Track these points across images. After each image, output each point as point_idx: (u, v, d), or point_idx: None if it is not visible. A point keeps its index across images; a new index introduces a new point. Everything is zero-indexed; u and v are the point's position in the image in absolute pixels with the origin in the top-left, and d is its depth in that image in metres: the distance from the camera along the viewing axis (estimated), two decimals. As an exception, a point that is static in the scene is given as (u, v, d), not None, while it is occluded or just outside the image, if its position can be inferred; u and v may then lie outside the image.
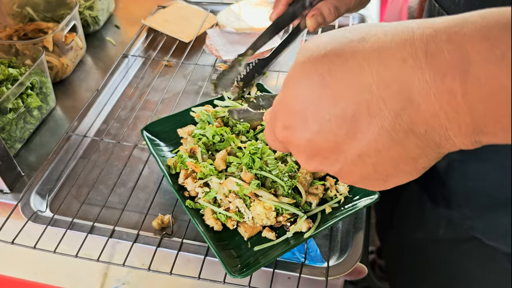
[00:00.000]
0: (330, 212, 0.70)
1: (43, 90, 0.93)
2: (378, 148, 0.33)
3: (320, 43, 0.35)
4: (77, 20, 1.05)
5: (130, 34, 1.22)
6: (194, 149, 0.75)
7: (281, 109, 0.38)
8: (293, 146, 0.38)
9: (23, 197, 0.79)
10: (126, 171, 0.85)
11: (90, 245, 0.72)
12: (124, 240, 0.72)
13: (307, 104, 0.35)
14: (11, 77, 0.89)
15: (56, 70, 1.04)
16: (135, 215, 0.78)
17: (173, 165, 0.76)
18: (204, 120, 0.81)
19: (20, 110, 0.86)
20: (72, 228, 0.74)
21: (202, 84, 1.03)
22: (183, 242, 0.71)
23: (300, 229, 0.67)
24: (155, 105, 0.98)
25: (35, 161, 0.87)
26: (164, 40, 1.15)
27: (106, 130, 0.92)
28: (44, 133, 0.94)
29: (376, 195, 0.69)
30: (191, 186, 0.72)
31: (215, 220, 0.68)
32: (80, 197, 0.82)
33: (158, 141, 0.83)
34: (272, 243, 0.67)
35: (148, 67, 1.10)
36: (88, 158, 0.88)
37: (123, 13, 1.32)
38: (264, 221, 0.67)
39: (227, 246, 0.67)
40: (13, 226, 0.74)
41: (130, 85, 1.06)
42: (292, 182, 0.68)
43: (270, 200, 0.66)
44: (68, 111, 0.99)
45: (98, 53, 1.17)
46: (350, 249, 0.70)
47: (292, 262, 0.68)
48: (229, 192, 0.69)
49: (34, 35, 1.08)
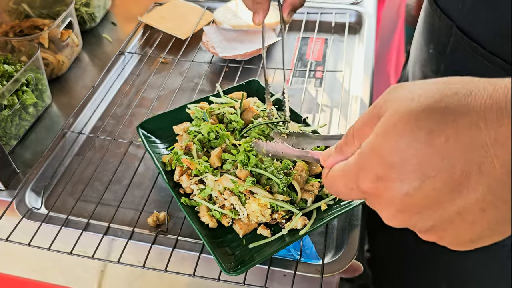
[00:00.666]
0: (326, 209, 0.70)
1: (38, 87, 0.93)
2: (483, 207, 0.32)
3: (415, 95, 0.33)
4: (73, 16, 1.05)
5: (126, 31, 1.22)
6: (189, 146, 0.75)
7: (374, 159, 0.35)
8: (383, 199, 0.36)
9: (18, 194, 0.79)
10: (122, 168, 0.85)
11: (85, 242, 0.72)
12: (119, 237, 0.72)
13: (408, 157, 0.33)
14: (6, 73, 0.88)
15: (52, 67, 1.03)
16: (130, 212, 0.78)
17: (168, 162, 0.75)
18: (199, 117, 0.81)
19: (15, 107, 0.86)
20: (67, 225, 0.74)
21: (198, 81, 1.03)
22: (178, 239, 0.71)
23: (295, 226, 0.67)
24: (151, 102, 0.98)
25: (30, 158, 0.87)
26: (160, 37, 1.15)
27: (102, 127, 0.92)
28: (40, 130, 0.94)
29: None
30: (186, 183, 0.72)
31: (210, 217, 0.68)
32: (75, 194, 0.81)
33: (153, 138, 0.82)
34: (267, 240, 0.67)
35: (144, 64, 1.09)
36: (84, 155, 0.87)
37: (119, 10, 1.31)
38: (259, 218, 0.67)
39: (222, 243, 0.67)
40: (7, 223, 0.73)
41: (126, 82, 1.06)
42: (287, 180, 0.68)
43: (265, 197, 0.66)
44: (64, 108, 0.99)
45: (94, 50, 1.16)
46: (345, 247, 0.70)
47: (288, 259, 0.68)
48: (224, 189, 0.69)
49: (30, 32, 1.07)
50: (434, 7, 0.74)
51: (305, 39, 1.15)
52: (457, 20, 0.69)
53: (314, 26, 1.15)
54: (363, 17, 1.17)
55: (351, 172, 0.38)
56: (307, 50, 1.11)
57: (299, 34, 1.15)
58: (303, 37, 1.15)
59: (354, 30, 1.17)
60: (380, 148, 0.35)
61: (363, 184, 0.37)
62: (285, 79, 0.85)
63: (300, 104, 0.93)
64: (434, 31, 0.76)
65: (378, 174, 0.35)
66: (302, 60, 1.09)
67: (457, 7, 0.68)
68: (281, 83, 1.02)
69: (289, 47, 1.13)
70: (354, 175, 0.37)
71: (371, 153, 0.35)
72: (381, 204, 0.37)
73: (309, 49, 1.11)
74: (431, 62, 0.80)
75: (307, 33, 1.16)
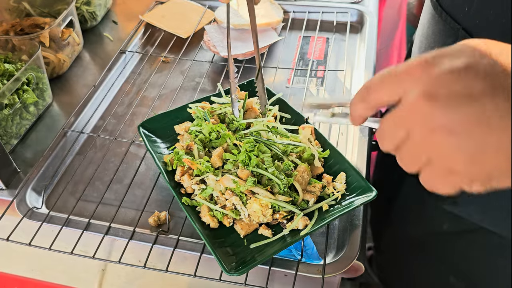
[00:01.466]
0: (327, 209, 0.70)
1: (39, 85, 0.93)
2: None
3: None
4: (74, 15, 1.04)
5: (127, 29, 1.21)
6: (190, 146, 0.75)
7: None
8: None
9: (19, 194, 0.79)
10: (123, 167, 0.85)
11: (86, 242, 0.71)
12: (120, 237, 0.72)
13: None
14: (7, 72, 0.88)
15: (53, 65, 1.03)
16: (131, 212, 0.78)
17: (169, 162, 0.75)
18: (201, 117, 0.80)
19: (16, 106, 0.86)
20: (67, 225, 0.74)
21: (199, 81, 1.03)
22: (179, 239, 0.71)
23: (296, 226, 0.67)
24: (152, 101, 0.97)
25: (31, 157, 0.87)
26: (161, 36, 1.15)
27: (103, 126, 0.92)
28: (41, 129, 0.94)
29: (373, 193, 0.69)
30: (187, 183, 0.72)
31: (211, 217, 0.68)
32: (76, 194, 0.81)
33: (154, 137, 0.82)
34: (268, 240, 0.67)
35: (145, 63, 1.09)
36: (85, 154, 0.87)
37: (120, 9, 1.31)
38: (260, 218, 0.67)
39: (223, 244, 0.67)
40: (8, 222, 0.73)
41: (127, 81, 1.06)
42: (288, 180, 0.68)
43: (266, 197, 0.66)
44: (65, 107, 0.99)
45: (95, 49, 1.16)
46: (346, 247, 0.69)
47: (289, 259, 0.68)
48: (226, 189, 0.69)
49: (31, 30, 1.07)
50: (439, 10, 0.73)
51: (307, 38, 1.14)
52: (463, 23, 0.68)
53: (315, 25, 1.15)
54: (365, 16, 1.16)
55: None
56: (309, 49, 1.11)
57: (300, 33, 1.15)
58: (304, 36, 1.14)
59: (356, 29, 1.17)
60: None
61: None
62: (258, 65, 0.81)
63: (302, 103, 0.93)
64: (439, 34, 0.76)
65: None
66: (304, 59, 1.08)
67: (463, 10, 0.68)
68: (283, 83, 1.02)
69: (290, 46, 1.12)
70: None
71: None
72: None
73: (311, 48, 1.11)
74: None
75: (309, 32, 1.16)
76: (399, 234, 1.08)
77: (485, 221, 0.79)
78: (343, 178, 0.73)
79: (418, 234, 0.98)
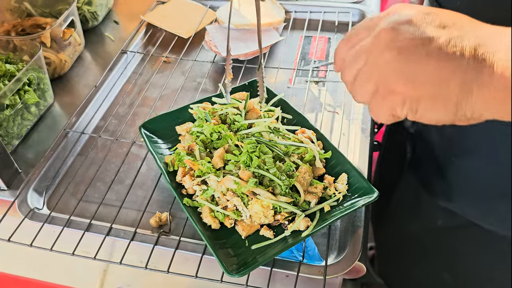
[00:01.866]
0: (329, 210, 0.69)
1: (40, 86, 0.93)
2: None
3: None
4: (75, 15, 1.04)
5: (129, 29, 1.21)
6: (192, 146, 0.75)
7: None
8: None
9: (20, 194, 0.79)
10: (124, 168, 0.85)
11: (87, 243, 0.71)
12: (122, 238, 0.72)
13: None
14: (8, 73, 0.88)
15: (54, 66, 1.03)
16: (132, 212, 0.78)
17: (171, 163, 0.75)
18: (202, 118, 0.80)
19: (17, 107, 0.86)
20: (69, 226, 0.74)
21: (200, 81, 1.03)
22: (181, 240, 0.71)
23: (298, 227, 0.66)
24: (153, 102, 0.97)
25: (32, 158, 0.87)
26: (163, 36, 1.15)
27: (104, 127, 0.92)
28: (42, 129, 0.94)
29: (375, 194, 0.68)
30: (189, 184, 0.72)
31: (212, 218, 0.68)
32: (77, 194, 0.81)
33: (156, 138, 0.82)
34: (270, 241, 0.67)
35: (146, 63, 1.09)
36: (86, 155, 0.87)
37: (122, 9, 1.31)
38: (262, 219, 0.67)
39: (224, 245, 0.67)
40: (10, 223, 0.73)
41: (129, 81, 1.06)
42: (289, 181, 0.68)
43: (268, 198, 0.66)
44: (66, 108, 0.99)
45: (96, 49, 1.16)
46: (348, 248, 0.69)
47: (290, 260, 0.68)
48: (227, 190, 0.69)
49: (32, 31, 1.07)
50: (434, 5, 0.75)
51: (308, 38, 1.14)
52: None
53: (317, 25, 1.14)
54: (366, 16, 1.16)
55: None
56: (310, 49, 1.11)
57: (302, 32, 1.14)
58: (306, 36, 1.14)
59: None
60: None
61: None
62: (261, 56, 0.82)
63: (303, 104, 0.92)
64: None
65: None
66: (305, 59, 1.08)
67: (456, 4, 0.69)
68: (284, 83, 1.01)
69: (292, 46, 1.12)
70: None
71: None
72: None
73: (312, 48, 1.11)
74: None
75: (310, 32, 1.15)
76: (397, 231, 1.09)
77: (478, 217, 0.80)
78: (345, 179, 0.73)
79: (414, 230, 1.00)
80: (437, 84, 0.41)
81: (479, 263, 0.87)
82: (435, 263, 0.96)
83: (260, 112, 0.81)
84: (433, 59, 0.41)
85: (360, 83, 0.47)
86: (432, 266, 0.97)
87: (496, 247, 0.82)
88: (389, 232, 1.15)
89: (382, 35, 0.44)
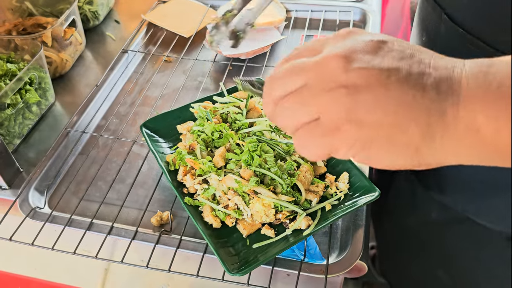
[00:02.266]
0: (330, 209, 0.69)
1: (42, 85, 0.93)
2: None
3: None
4: (76, 15, 1.04)
5: (130, 29, 1.21)
6: (193, 145, 0.75)
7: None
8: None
9: (22, 193, 0.79)
10: (125, 167, 0.85)
11: (88, 241, 0.71)
12: (123, 237, 0.72)
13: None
14: (9, 72, 0.88)
15: (55, 65, 1.03)
16: (133, 211, 0.78)
17: (172, 162, 0.75)
18: (203, 117, 0.80)
19: (18, 106, 0.86)
20: (70, 225, 0.74)
21: (202, 80, 1.03)
22: (182, 239, 0.71)
23: (299, 226, 0.66)
24: (154, 101, 0.97)
25: (34, 157, 0.87)
26: (164, 35, 1.15)
27: (105, 126, 0.92)
28: (43, 128, 0.94)
29: (377, 193, 0.68)
30: (190, 183, 0.72)
31: (214, 217, 0.68)
32: (78, 194, 0.81)
33: (157, 137, 0.82)
34: (271, 240, 0.67)
35: (147, 62, 1.09)
36: (87, 154, 0.87)
37: (123, 8, 1.31)
38: (263, 218, 0.67)
39: (226, 244, 0.66)
40: (11, 222, 0.73)
41: (130, 80, 1.06)
42: (291, 180, 0.68)
43: (269, 197, 0.66)
44: (67, 107, 0.99)
45: (97, 48, 1.16)
46: (349, 247, 0.69)
47: (292, 259, 0.68)
48: (228, 189, 0.69)
49: (33, 30, 1.07)
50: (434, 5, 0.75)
51: (309, 37, 1.14)
52: (446, 7, 0.70)
53: (318, 24, 1.14)
54: (368, 14, 1.16)
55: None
56: (311, 48, 1.10)
57: (303, 31, 1.14)
58: (307, 35, 1.14)
59: (359, 28, 1.16)
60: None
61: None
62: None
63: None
64: (427, 19, 0.78)
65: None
66: (306, 58, 1.08)
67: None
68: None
69: (293, 45, 1.12)
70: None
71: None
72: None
73: (313, 47, 1.11)
74: None
75: (311, 31, 1.15)
76: (395, 226, 1.10)
77: (471, 211, 0.80)
78: (346, 178, 0.73)
79: (411, 224, 1.00)
80: (395, 126, 0.36)
81: (473, 259, 0.88)
82: (431, 259, 0.97)
83: (261, 111, 0.81)
84: (392, 97, 0.35)
85: (291, 105, 0.39)
86: (428, 261, 0.98)
87: (490, 242, 0.82)
88: (388, 227, 1.16)
89: (331, 60, 0.37)
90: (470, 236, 0.84)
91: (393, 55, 0.37)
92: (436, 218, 0.89)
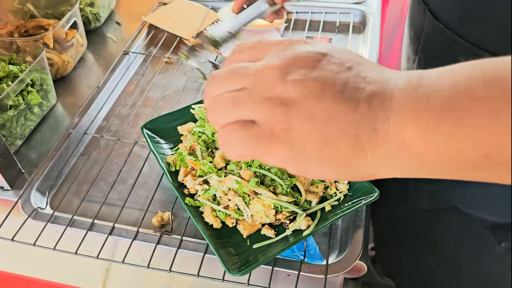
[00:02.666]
0: (330, 210, 0.70)
1: (43, 87, 0.93)
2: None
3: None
4: (77, 17, 1.05)
5: (131, 31, 1.22)
6: (193, 146, 0.75)
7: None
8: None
9: (23, 194, 0.79)
10: (126, 168, 0.85)
11: (90, 242, 0.72)
12: (124, 237, 0.73)
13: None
14: (11, 74, 0.89)
15: (57, 67, 1.04)
16: (134, 212, 0.78)
17: (172, 163, 0.76)
18: (204, 118, 0.81)
19: (20, 107, 0.86)
20: (72, 225, 0.74)
21: (202, 81, 1.03)
22: (183, 239, 0.71)
23: (299, 227, 0.67)
24: (155, 102, 0.98)
25: (35, 158, 0.88)
26: (165, 37, 1.15)
27: (107, 127, 0.92)
28: (45, 130, 0.94)
29: (376, 193, 0.69)
30: (190, 184, 0.72)
31: (214, 217, 0.68)
32: (80, 194, 0.82)
33: (158, 138, 0.83)
34: (271, 240, 0.67)
35: (148, 64, 1.10)
36: (89, 155, 0.88)
37: (124, 10, 1.31)
38: (263, 218, 0.67)
39: (226, 244, 0.67)
40: (13, 222, 0.74)
41: (131, 82, 1.06)
42: (291, 181, 0.68)
43: (269, 198, 0.66)
44: (69, 108, 0.99)
45: (99, 50, 1.17)
46: (349, 247, 0.70)
47: (291, 259, 0.68)
48: (229, 189, 0.69)
49: (35, 32, 1.08)
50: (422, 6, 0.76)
51: (309, 38, 1.14)
52: (429, 3, 0.72)
53: (318, 25, 1.15)
54: (368, 16, 1.16)
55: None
56: (311, 50, 1.11)
57: (303, 33, 1.15)
58: (307, 37, 1.14)
59: (359, 29, 1.17)
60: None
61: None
62: None
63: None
64: (413, 15, 0.80)
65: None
66: (306, 59, 1.08)
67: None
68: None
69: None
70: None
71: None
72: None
73: (313, 49, 1.11)
74: (411, 46, 0.84)
75: (311, 32, 1.16)
76: (389, 216, 1.12)
77: (456, 200, 0.82)
78: (346, 179, 0.73)
79: (403, 214, 1.02)
80: (325, 140, 0.35)
81: (459, 246, 0.89)
82: (422, 248, 0.98)
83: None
84: (324, 111, 0.34)
85: (226, 102, 0.39)
86: (419, 250, 0.99)
87: (473, 230, 0.83)
88: (383, 218, 1.17)
89: (269, 71, 0.37)
90: (457, 224, 0.86)
91: (331, 68, 0.36)
92: (426, 208, 0.91)
